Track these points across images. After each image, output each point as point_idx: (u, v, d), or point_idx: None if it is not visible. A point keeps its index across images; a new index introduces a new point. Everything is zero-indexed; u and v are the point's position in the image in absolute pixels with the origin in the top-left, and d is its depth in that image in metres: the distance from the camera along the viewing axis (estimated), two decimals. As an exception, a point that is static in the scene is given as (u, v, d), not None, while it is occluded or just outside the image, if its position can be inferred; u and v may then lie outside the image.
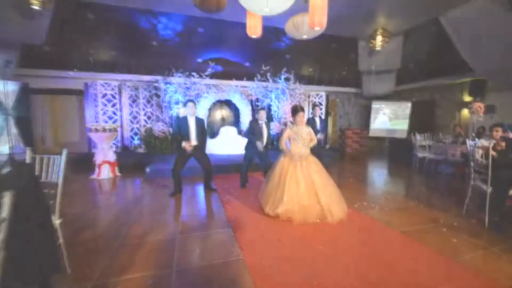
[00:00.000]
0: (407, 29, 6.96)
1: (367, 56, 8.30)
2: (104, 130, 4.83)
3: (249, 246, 2.24)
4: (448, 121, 9.92)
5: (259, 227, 2.63)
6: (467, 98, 9.14)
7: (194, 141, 3.73)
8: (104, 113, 7.32)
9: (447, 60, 8.38)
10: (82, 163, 6.10)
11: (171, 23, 6.68)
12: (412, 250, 2.20)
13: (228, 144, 7.24)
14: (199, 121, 3.85)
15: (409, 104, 10.67)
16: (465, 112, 9.29)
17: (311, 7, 4.09)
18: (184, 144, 3.66)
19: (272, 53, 8.47)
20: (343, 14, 6.09)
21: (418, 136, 6.58)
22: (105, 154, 4.92)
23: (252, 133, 4.18)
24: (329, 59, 8.91)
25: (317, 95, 9.33)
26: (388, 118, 11.11)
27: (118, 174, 5.16)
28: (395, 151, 8.25)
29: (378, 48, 7.07)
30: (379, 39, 6.88)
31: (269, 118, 4.29)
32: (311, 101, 9.36)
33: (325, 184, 2.83)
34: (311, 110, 9.44)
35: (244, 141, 7.85)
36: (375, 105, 11.20)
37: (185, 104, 3.77)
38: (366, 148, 8.09)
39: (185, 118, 3.77)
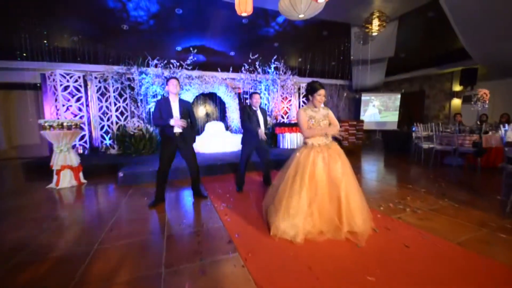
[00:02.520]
0: (403, 14, 6.55)
1: (360, 43, 7.84)
2: (62, 126, 3.87)
3: (270, 284, 1.54)
4: (437, 111, 9.85)
5: (274, 249, 1.94)
6: (457, 88, 9.07)
7: (178, 129, 2.96)
8: (67, 109, 6.22)
9: (439, 49, 8.18)
10: (41, 169, 5.03)
11: (144, 1, 5.72)
12: (492, 272, 1.63)
13: (215, 141, 6.46)
14: (184, 104, 3.06)
15: (399, 96, 10.50)
16: (455, 101, 9.24)
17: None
18: (172, 121, 2.88)
19: (260, 41, 7.74)
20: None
21: (418, 127, 6.25)
22: (65, 157, 3.96)
23: (249, 120, 3.46)
24: (320, 48, 8.36)
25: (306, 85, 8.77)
26: (378, 110, 10.88)
27: (83, 181, 4.22)
28: (391, 143, 7.93)
29: (374, 34, 6.61)
30: (375, 23, 6.41)
31: (263, 112, 3.53)
32: (302, 93, 8.80)
33: (352, 183, 2.19)
34: (301, 103, 8.89)
35: (233, 137, 7.16)
36: (364, 97, 10.91)
37: (167, 82, 2.97)
38: (361, 141, 7.67)
39: (167, 100, 2.97)
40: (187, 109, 3.04)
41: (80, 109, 6.36)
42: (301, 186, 2.10)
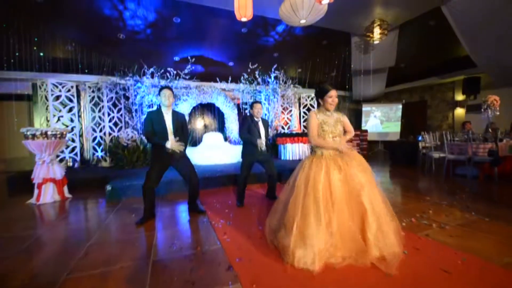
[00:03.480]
0: (404, 22, 6.48)
1: (360, 53, 7.75)
2: (45, 136, 3.54)
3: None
4: (440, 122, 9.65)
5: (286, 279, 1.57)
6: (459, 97, 8.92)
7: (172, 143, 2.65)
8: (59, 119, 5.92)
9: (439, 58, 8.10)
10: (25, 183, 4.65)
11: (141, 9, 5.59)
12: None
13: (213, 152, 6.13)
14: (178, 116, 2.78)
15: (400, 106, 10.35)
16: (458, 111, 9.06)
17: (317, -25, 3.32)
18: (169, 144, 2.57)
19: (259, 50, 7.62)
20: (338, 6, 5.42)
21: (425, 136, 5.99)
22: (47, 169, 3.61)
23: (249, 131, 3.17)
24: (320, 59, 8.25)
25: (308, 96, 8.60)
26: (380, 121, 10.69)
27: (68, 196, 3.84)
28: (396, 153, 7.63)
29: (376, 42, 6.50)
30: (377, 31, 6.31)
31: (265, 123, 3.21)
32: (302, 103, 8.61)
33: (376, 194, 1.85)
34: (303, 114, 8.67)
35: (232, 148, 6.85)
36: (365, 107, 10.75)
37: (159, 92, 2.69)
38: (366, 151, 7.38)
39: (159, 112, 2.69)
40: (180, 122, 2.76)
41: (72, 120, 6.06)
42: (315, 202, 1.75)
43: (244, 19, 4.17)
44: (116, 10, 5.51)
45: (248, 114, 3.44)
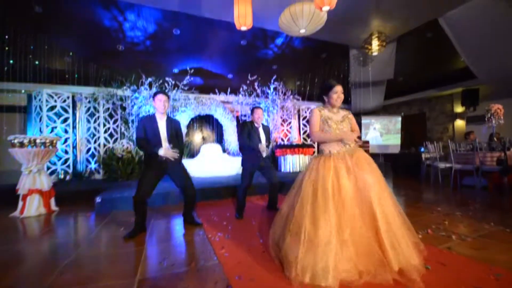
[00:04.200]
0: (402, 35, 6.56)
1: (359, 65, 7.79)
2: (34, 143, 3.35)
3: None
4: (440, 134, 9.58)
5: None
6: (459, 109, 8.90)
7: (165, 151, 2.47)
8: (52, 130, 5.74)
9: (437, 70, 8.16)
10: (12, 195, 4.39)
11: (141, 21, 5.60)
12: None
13: (211, 164, 5.93)
14: (172, 122, 2.62)
15: (399, 118, 10.31)
16: (458, 123, 9.01)
17: (317, -16, 3.32)
18: (162, 151, 2.39)
19: (258, 63, 7.64)
20: (336, 18, 5.48)
21: (428, 147, 5.86)
22: (34, 179, 3.38)
23: (248, 136, 3.01)
24: (319, 71, 8.29)
25: (308, 108, 8.54)
26: (380, 133, 10.60)
27: (54, 209, 3.58)
28: (399, 165, 7.45)
29: (374, 54, 6.53)
30: (375, 43, 6.35)
31: (266, 129, 3.05)
32: (302, 115, 8.54)
33: (388, 198, 1.65)
34: (302, 126, 8.57)
35: (231, 160, 6.64)
36: (365, 120, 10.69)
37: (153, 97, 2.55)
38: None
39: (152, 118, 2.53)
40: (175, 129, 2.60)
41: (66, 131, 5.88)
42: (325, 206, 1.55)
43: (244, 28, 4.13)
44: (115, 22, 5.51)
45: (247, 120, 3.29)
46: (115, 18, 5.45)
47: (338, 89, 1.86)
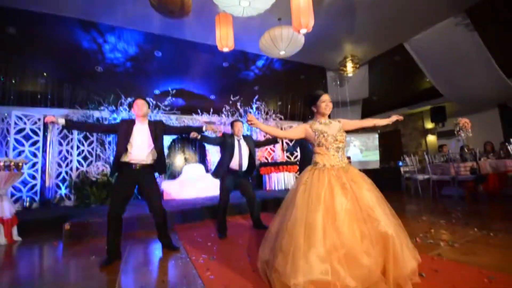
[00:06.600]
0: (372, 58, 7.08)
1: (336, 86, 8.21)
2: (-5, 167, 3.04)
3: None
4: (415, 148, 10.09)
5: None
6: (429, 125, 9.52)
7: (139, 157, 2.33)
8: (19, 154, 5.31)
9: (408, 90, 8.79)
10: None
11: (122, 43, 5.59)
12: None
13: (193, 185, 5.71)
14: (156, 125, 2.49)
15: (376, 135, 10.80)
16: (430, 138, 9.58)
17: (295, 8, 3.53)
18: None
19: (240, 84, 7.81)
20: (312, 42, 5.84)
21: (407, 161, 6.10)
22: (-8, 207, 3.02)
23: (224, 147, 2.97)
24: (299, 92, 8.62)
25: (290, 127, 8.70)
26: (360, 150, 10.97)
27: (16, 239, 3.18)
28: (379, 180, 7.62)
29: (350, 75, 6.94)
30: (349, 65, 6.78)
31: (250, 141, 3.02)
32: (285, 134, 8.65)
33: (389, 214, 1.59)
34: (285, 145, 8.66)
35: (214, 180, 6.39)
36: (344, 138, 11.08)
37: (132, 104, 2.45)
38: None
39: (131, 123, 2.40)
40: (161, 130, 2.49)
41: (35, 155, 5.46)
42: (319, 223, 1.45)
43: (226, 49, 4.24)
44: (95, 43, 5.45)
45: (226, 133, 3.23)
46: (95, 40, 5.39)
47: (326, 98, 1.87)
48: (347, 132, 1.95)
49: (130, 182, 2.32)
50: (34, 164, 5.38)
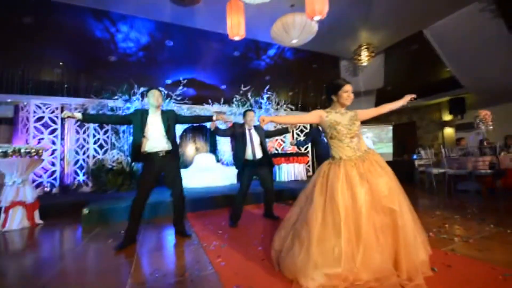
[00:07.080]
0: (389, 46, 6.79)
1: (349, 75, 7.97)
2: (19, 153, 3.20)
3: None
4: (431, 141, 9.76)
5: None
6: (447, 117, 9.15)
7: (158, 145, 2.40)
8: (39, 142, 5.55)
9: (425, 80, 8.43)
10: None
11: (134, 32, 5.62)
12: None
13: (205, 174, 5.81)
14: (168, 115, 2.53)
15: (391, 127, 10.51)
16: (447, 130, 9.23)
17: (309, -6, 3.41)
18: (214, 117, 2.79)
19: (251, 74, 7.73)
20: (326, 29, 5.65)
21: (422, 153, 5.93)
22: (17, 191, 3.20)
23: (234, 137, 2.98)
24: (311, 82, 8.44)
25: (301, 118, 8.60)
26: (372, 142, 10.74)
27: (39, 222, 3.38)
28: (393, 172, 7.50)
29: (364, 64, 6.71)
30: (364, 54, 6.55)
31: (260, 131, 2.96)
32: (296, 126, 8.57)
33: (405, 205, 1.57)
34: (296, 136, 8.60)
35: (225, 170, 6.53)
36: (357, 129, 10.85)
37: (146, 94, 2.49)
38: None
39: (144, 113, 2.45)
40: (174, 119, 2.53)
41: (53, 142, 5.69)
42: (334, 214, 1.48)
43: (237, 38, 4.18)
44: (107, 33, 5.50)
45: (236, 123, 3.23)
46: (107, 29, 5.44)
47: (349, 88, 1.78)
48: (363, 123, 1.90)
49: (156, 170, 2.40)
50: (53, 152, 5.62)
